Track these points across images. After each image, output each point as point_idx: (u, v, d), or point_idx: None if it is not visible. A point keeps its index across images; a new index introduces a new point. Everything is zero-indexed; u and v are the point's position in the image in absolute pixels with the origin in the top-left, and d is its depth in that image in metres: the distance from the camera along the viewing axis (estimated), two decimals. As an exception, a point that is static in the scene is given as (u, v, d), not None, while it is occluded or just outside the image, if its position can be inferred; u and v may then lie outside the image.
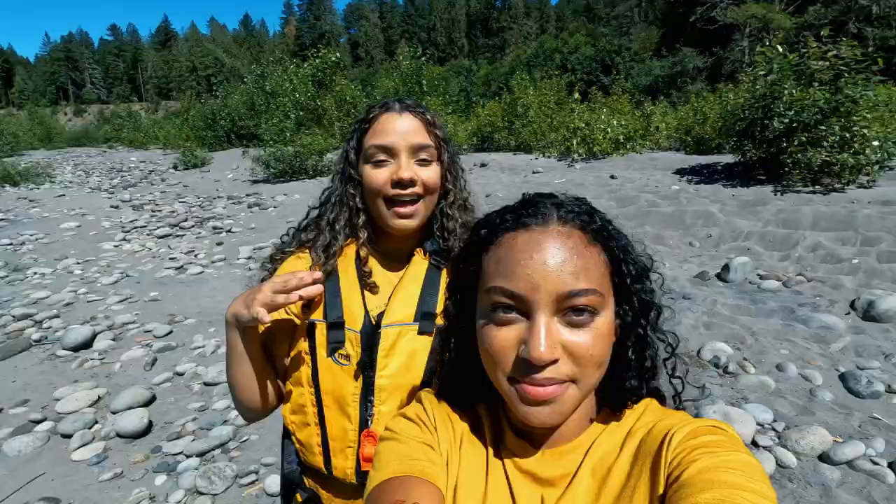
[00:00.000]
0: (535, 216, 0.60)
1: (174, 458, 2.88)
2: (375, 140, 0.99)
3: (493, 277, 0.59)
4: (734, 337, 3.98)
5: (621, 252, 0.62)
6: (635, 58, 36.39)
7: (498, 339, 0.58)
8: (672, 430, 0.55)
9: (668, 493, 0.49)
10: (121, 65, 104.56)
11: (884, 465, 2.52)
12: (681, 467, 0.49)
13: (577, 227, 0.60)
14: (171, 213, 10.19)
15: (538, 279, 0.56)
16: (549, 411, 0.57)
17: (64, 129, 41.48)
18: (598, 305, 0.57)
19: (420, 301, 1.00)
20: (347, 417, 0.97)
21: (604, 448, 0.61)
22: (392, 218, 0.99)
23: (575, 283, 0.56)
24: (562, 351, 0.56)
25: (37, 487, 2.66)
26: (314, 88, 16.23)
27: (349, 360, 0.97)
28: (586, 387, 0.58)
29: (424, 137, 1.00)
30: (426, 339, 0.98)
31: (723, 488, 0.43)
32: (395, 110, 1.01)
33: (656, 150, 12.97)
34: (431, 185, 1.01)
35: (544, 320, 0.55)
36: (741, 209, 6.95)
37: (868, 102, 7.13)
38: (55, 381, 3.79)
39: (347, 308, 0.99)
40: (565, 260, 0.56)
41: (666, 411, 0.65)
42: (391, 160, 0.99)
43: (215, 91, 26.40)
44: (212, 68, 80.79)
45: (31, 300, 5.49)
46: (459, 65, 53.86)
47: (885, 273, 4.91)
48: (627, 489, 0.55)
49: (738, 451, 0.49)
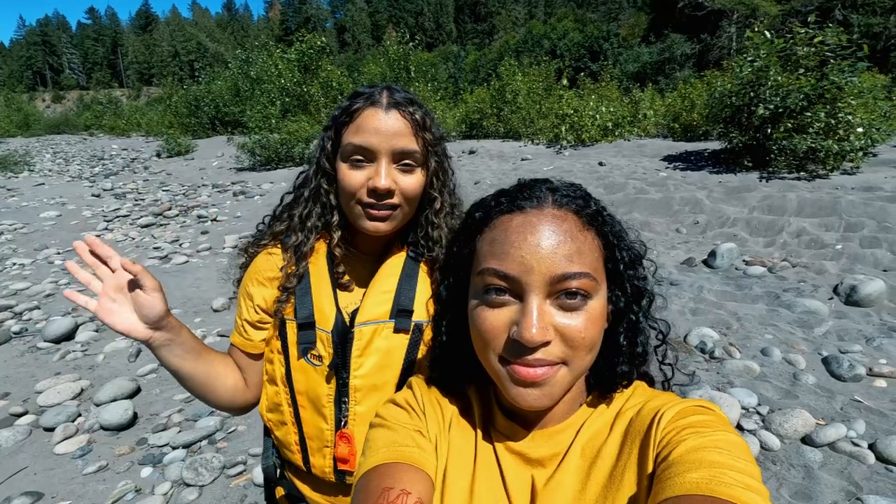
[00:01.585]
0: (530, 199, 0.60)
1: (160, 449, 2.84)
2: (355, 138, 0.88)
3: (487, 259, 0.59)
4: (720, 322, 4.02)
5: (615, 238, 0.62)
6: (623, 44, 36.30)
7: (490, 320, 0.58)
8: (661, 411, 0.55)
9: (656, 471, 0.49)
10: (100, 49, 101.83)
11: (864, 446, 2.57)
12: (669, 447, 0.49)
13: (572, 212, 0.60)
14: (154, 201, 9.99)
15: (532, 261, 0.55)
16: (539, 394, 0.56)
17: (42, 115, 40.37)
18: (590, 289, 0.57)
19: (396, 297, 0.95)
20: (323, 418, 0.95)
21: (593, 429, 0.62)
22: (365, 221, 0.91)
23: (568, 265, 0.56)
24: (554, 333, 0.56)
25: (19, 481, 2.61)
26: (300, 74, 15.94)
27: (321, 360, 0.93)
28: (577, 370, 0.58)
29: (410, 142, 0.89)
30: (402, 336, 0.94)
31: (710, 468, 0.44)
32: (382, 106, 0.89)
33: (644, 137, 13.00)
34: (411, 195, 0.91)
35: (537, 302, 0.55)
36: (728, 196, 7.00)
37: (853, 89, 7.20)
38: (36, 373, 3.72)
39: (318, 307, 0.94)
40: (559, 242, 0.56)
41: (654, 392, 0.65)
42: (370, 163, 0.89)
43: (198, 77, 25.80)
44: (194, 53, 79.10)
45: (11, 291, 5.37)
46: (447, 50, 53.33)
47: (867, 258, 4.99)
48: (618, 469, 0.56)
49: (725, 431, 0.49)
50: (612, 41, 37.04)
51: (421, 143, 0.91)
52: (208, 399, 1.00)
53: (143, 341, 0.89)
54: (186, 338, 0.94)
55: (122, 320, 0.87)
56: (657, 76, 26.57)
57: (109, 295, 0.87)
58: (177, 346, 0.92)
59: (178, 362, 0.93)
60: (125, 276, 0.87)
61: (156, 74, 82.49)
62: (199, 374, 0.96)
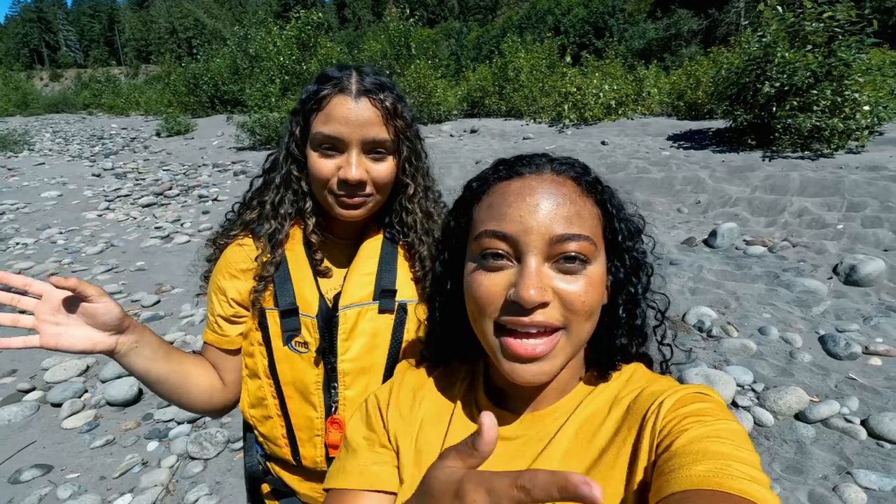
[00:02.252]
0: (529, 166, 0.60)
1: (165, 424, 2.90)
2: (324, 128, 0.86)
3: (484, 222, 0.58)
4: (719, 301, 4.04)
5: (614, 208, 0.62)
6: (629, 20, 35.56)
7: (486, 283, 0.57)
8: (660, 398, 0.54)
9: (658, 462, 0.48)
10: (96, 26, 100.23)
11: (857, 422, 2.61)
12: (671, 436, 0.49)
13: (571, 178, 0.60)
14: (155, 181, 9.97)
15: (530, 221, 0.55)
16: (537, 369, 0.55)
17: (40, 94, 40.03)
18: (589, 254, 0.56)
19: (378, 278, 0.94)
20: (312, 406, 0.93)
21: (589, 410, 0.60)
22: (338, 209, 0.90)
23: (567, 226, 0.55)
24: (552, 295, 0.55)
25: (29, 455, 2.68)
26: (299, 52, 15.71)
27: (307, 347, 0.91)
28: (576, 339, 0.57)
29: (381, 131, 0.87)
30: (387, 317, 0.93)
31: (716, 459, 0.43)
32: (351, 94, 0.85)
33: (648, 116, 12.85)
34: (383, 183, 0.90)
35: (535, 263, 0.54)
36: (730, 175, 6.95)
37: (861, 66, 7.07)
38: (42, 351, 3.77)
39: (300, 293, 0.92)
40: (558, 204, 0.56)
41: (653, 376, 0.64)
42: (340, 153, 0.87)
43: (196, 54, 25.44)
44: (192, 30, 77.83)
45: (15, 270, 5.41)
46: (449, 27, 52.35)
47: (868, 238, 4.98)
48: (609, 454, 0.54)
49: (726, 420, 0.49)
50: (618, 17, 36.29)
51: (392, 130, 0.89)
52: (183, 402, 0.96)
53: (109, 351, 0.84)
54: (151, 338, 0.90)
55: (77, 338, 0.81)
56: (663, 53, 26.12)
57: (48, 321, 0.80)
58: (144, 347, 0.88)
59: (147, 364, 0.89)
60: (58, 295, 0.81)
61: (153, 52, 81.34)
62: (171, 374, 0.92)
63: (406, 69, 15.23)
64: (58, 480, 2.48)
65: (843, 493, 2.19)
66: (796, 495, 2.21)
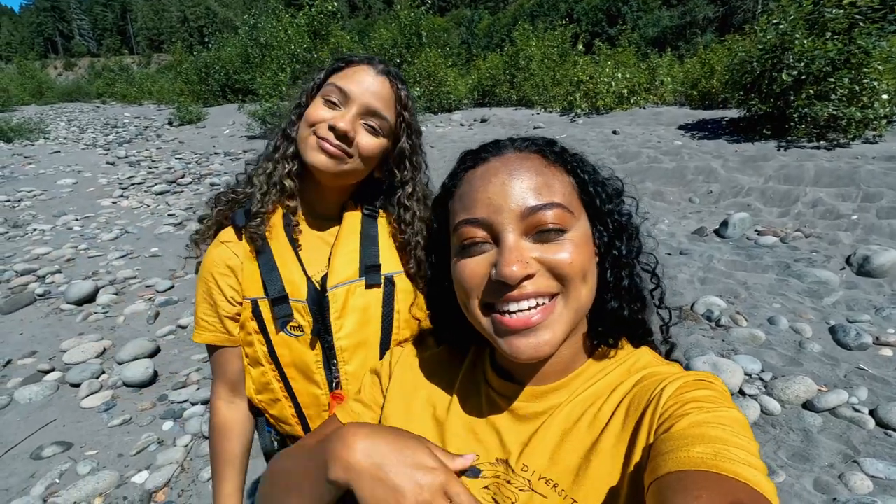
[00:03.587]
0: (492, 150, 0.61)
1: (180, 405, 2.98)
2: (339, 81, 0.93)
3: (458, 213, 0.60)
4: (728, 291, 4.02)
5: (585, 173, 0.62)
6: (643, 7, 34.91)
7: (469, 266, 0.58)
8: (664, 383, 0.54)
9: (655, 443, 0.48)
10: (109, 15, 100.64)
11: (865, 412, 2.60)
12: (671, 420, 0.49)
13: (535, 152, 0.60)
14: (168, 169, 10.08)
15: (499, 200, 0.55)
16: (536, 340, 0.55)
17: (55, 83, 40.40)
18: (565, 222, 0.56)
19: (361, 255, 0.97)
20: (315, 384, 0.97)
21: (592, 391, 0.60)
22: (315, 152, 0.91)
23: (538, 198, 0.55)
24: (537, 265, 0.55)
25: (49, 433, 2.77)
26: (309, 40, 15.66)
27: (302, 330, 0.94)
28: (576, 303, 0.57)
29: (386, 107, 0.94)
30: (376, 291, 0.96)
31: (715, 443, 0.44)
32: (376, 68, 0.94)
33: (660, 105, 12.68)
34: (365, 153, 0.93)
35: (512, 238, 0.54)
36: (743, 165, 6.86)
37: (881, 54, 6.90)
38: (61, 333, 3.87)
39: (287, 279, 0.94)
40: (525, 178, 0.56)
41: (659, 360, 0.64)
42: (341, 107, 0.92)
43: (208, 43, 25.49)
44: (203, 19, 77.84)
45: (33, 256, 5.53)
46: (460, 15, 51.80)
47: (883, 229, 4.91)
48: (609, 436, 0.55)
49: (728, 408, 0.49)
50: (632, 4, 35.64)
51: (394, 115, 0.96)
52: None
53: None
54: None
55: None
56: (677, 41, 25.65)
57: None
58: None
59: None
60: None
61: (165, 41, 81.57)
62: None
63: (417, 58, 15.14)
64: (77, 457, 2.57)
65: (850, 482, 2.19)
66: (802, 483, 2.22)
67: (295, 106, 1.00)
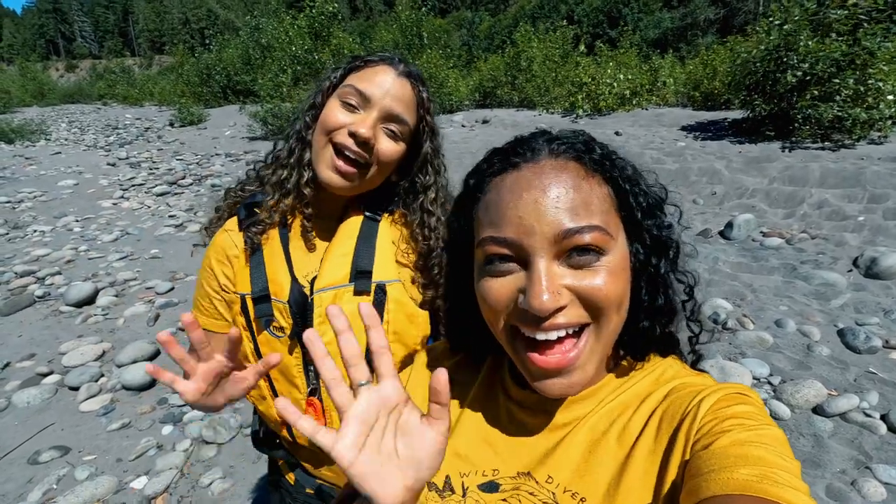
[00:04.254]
0: (524, 154, 0.55)
1: (180, 409, 2.94)
2: (358, 83, 0.88)
3: (484, 228, 0.54)
4: (734, 293, 3.98)
5: (627, 182, 0.56)
6: (644, 9, 34.93)
7: (495, 289, 0.53)
8: (700, 396, 0.51)
9: (693, 460, 0.46)
10: (111, 17, 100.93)
11: (876, 417, 2.56)
12: (710, 436, 0.46)
13: (572, 159, 0.54)
14: (168, 170, 10.05)
15: (531, 220, 0.50)
16: (568, 382, 0.52)
17: (56, 85, 40.47)
18: (603, 244, 0.51)
19: (354, 259, 0.92)
20: (296, 388, 0.94)
21: (619, 402, 0.57)
22: (328, 168, 0.87)
23: (574, 219, 0.49)
24: (569, 295, 0.50)
25: (47, 437, 2.73)
26: (311, 41, 15.68)
27: (284, 331, 0.92)
28: (607, 335, 0.53)
29: (408, 111, 0.90)
30: (364, 299, 0.91)
31: (759, 465, 0.42)
32: (397, 69, 0.90)
33: (663, 106, 12.66)
34: (384, 160, 0.89)
35: (543, 265, 0.49)
36: (747, 166, 6.82)
37: (886, 54, 6.87)
38: (60, 335, 3.83)
39: (272, 279, 0.92)
40: (560, 195, 0.50)
41: (688, 371, 0.60)
42: (360, 110, 0.87)
43: (209, 45, 25.54)
44: (205, 20, 78.04)
45: (33, 257, 5.50)
46: (461, 16, 51.83)
47: (890, 230, 4.86)
48: (642, 450, 0.52)
49: (768, 425, 0.47)
50: (633, 6, 35.64)
51: (415, 119, 0.92)
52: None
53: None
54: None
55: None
56: (679, 43, 25.64)
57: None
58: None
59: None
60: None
61: (167, 43, 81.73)
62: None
63: (418, 59, 15.14)
64: (75, 462, 2.53)
65: (862, 488, 2.15)
66: (814, 490, 2.18)
67: (309, 106, 0.94)
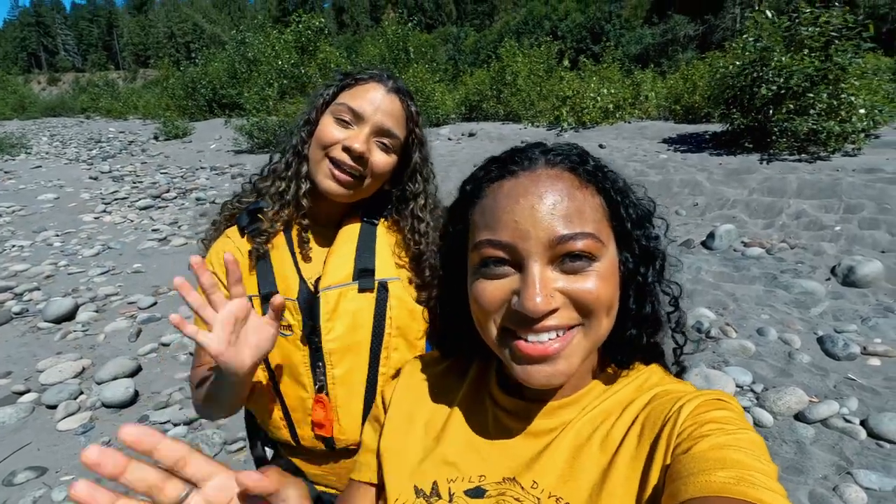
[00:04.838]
0: (521, 162, 0.57)
1: (162, 426, 2.88)
2: (350, 101, 0.93)
3: (480, 231, 0.56)
4: (717, 303, 4.04)
5: (618, 195, 0.58)
6: (626, 25, 35.77)
7: (488, 290, 0.55)
8: (680, 402, 0.52)
9: (674, 465, 0.47)
10: (95, 31, 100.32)
11: (856, 422, 2.60)
12: (690, 441, 0.47)
13: (567, 169, 0.56)
14: (152, 184, 9.95)
15: (527, 225, 0.52)
16: (551, 370, 0.53)
17: (38, 98, 39.95)
18: (595, 251, 0.53)
19: (356, 259, 0.97)
20: (302, 386, 0.96)
21: (602, 408, 0.59)
22: (327, 178, 0.93)
23: (568, 226, 0.52)
24: (561, 298, 0.52)
25: (23, 457, 2.66)
26: (297, 55, 15.74)
27: (292, 329, 0.94)
28: (595, 335, 0.55)
29: (398, 125, 0.96)
30: (368, 295, 0.96)
31: (737, 468, 0.43)
32: (386, 85, 0.96)
33: (645, 119, 12.90)
34: (378, 172, 0.95)
35: (537, 269, 0.51)
36: (727, 178, 6.97)
37: (857, 70, 7.11)
38: (38, 352, 3.75)
39: (280, 277, 0.96)
40: (555, 203, 0.52)
41: (670, 379, 0.62)
42: (353, 126, 0.93)
43: (195, 58, 25.49)
44: (191, 34, 77.97)
45: (10, 273, 5.38)
46: (447, 31, 52.55)
47: (865, 239, 4.99)
48: (624, 456, 0.53)
49: (746, 430, 0.48)
50: (615, 22, 36.49)
51: (405, 133, 0.98)
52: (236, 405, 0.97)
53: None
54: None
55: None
56: (659, 58, 26.26)
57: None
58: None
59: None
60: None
61: (152, 56, 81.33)
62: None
63: (404, 73, 15.27)
64: (52, 482, 2.46)
65: (844, 494, 2.18)
66: (797, 496, 2.20)
67: (304, 122, 0.99)
